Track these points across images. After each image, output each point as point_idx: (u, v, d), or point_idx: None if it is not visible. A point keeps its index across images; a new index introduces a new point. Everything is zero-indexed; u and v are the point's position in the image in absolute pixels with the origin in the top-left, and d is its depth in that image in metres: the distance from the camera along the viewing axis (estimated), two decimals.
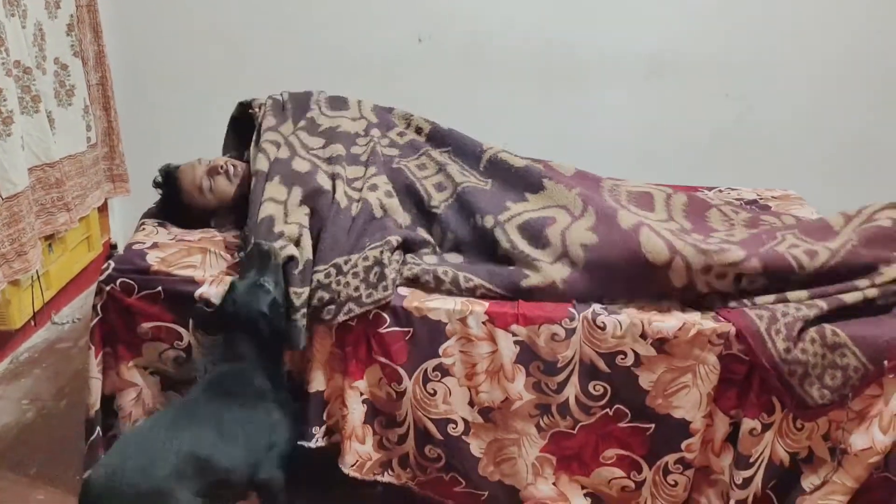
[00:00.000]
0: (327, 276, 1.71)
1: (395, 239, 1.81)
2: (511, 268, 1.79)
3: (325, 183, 1.91)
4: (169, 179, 2.06)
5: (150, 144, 3.08)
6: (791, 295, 1.69)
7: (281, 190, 1.87)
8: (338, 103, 2.24)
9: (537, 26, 2.98)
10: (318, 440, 1.77)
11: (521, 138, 2.50)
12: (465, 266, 1.83)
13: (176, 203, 2.07)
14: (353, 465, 1.76)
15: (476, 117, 2.99)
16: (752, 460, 1.63)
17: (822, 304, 1.65)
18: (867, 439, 1.61)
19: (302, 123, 2.13)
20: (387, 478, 1.80)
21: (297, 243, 1.76)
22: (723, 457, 1.70)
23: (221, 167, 2.02)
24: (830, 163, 3.01)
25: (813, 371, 1.59)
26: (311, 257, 1.75)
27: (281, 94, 2.23)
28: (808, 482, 1.66)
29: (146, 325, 1.75)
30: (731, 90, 3.01)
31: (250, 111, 2.18)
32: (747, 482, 1.64)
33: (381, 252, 1.76)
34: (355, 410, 1.74)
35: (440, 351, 1.70)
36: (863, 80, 2.95)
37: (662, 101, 3.04)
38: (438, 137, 2.16)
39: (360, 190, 1.93)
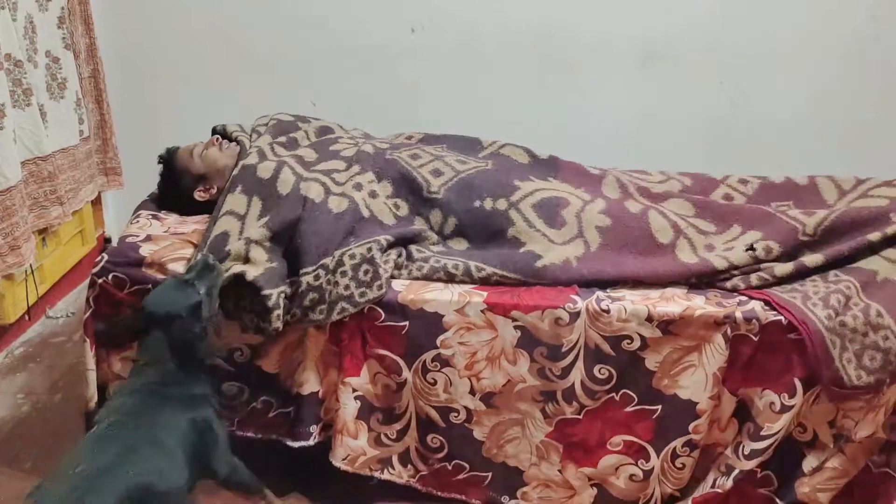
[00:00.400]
0: (316, 277, 1.70)
1: (384, 239, 1.78)
2: (521, 251, 1.79)
3: (288, 184, 1.82)
4: (171, 153, 2.14)
5: (144, 137, 3.04)
6: (808, 260, 1.73)
7: (241, 201, 1.82)
8: (325, 131, 2.19)
9: (532, 15, 2.96)
10: (314, 438, 1.77)
11: (516, 128, 2.49)
12: (475, 254, 1.82)
13: (170, 174, 2.11)
14: (344, 459, 1.76)
15: (471, 107, 3.00)
16: (763, 433, 1.62)
17: (853, 281, 1.66)
18: (873, 426, 1.61)
19: (282, 139, 2.08)
20: (386, 475, 1.80)
21: (246, 259, 1.71)
22: (728, 431, 1.71)
23: (216, 140, 2.12)
24: (827, 150, 3.00)
25: (851, 346, 1.58)
26: (272, 265, 1.71)
27: (268, 122, 2.17)
28: (808, 466, 1.67)
29: None
30: (726, 78, 3.00)
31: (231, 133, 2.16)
32: (756, 453, 1.63)
33: (370, 250, 1.74)
34: (347, 406, 1.73)
35: (438, 342, 1.69)
36: (860, 66, 2.94)
37: (658, 89, 3.02)
38: (432, 140, 2.16)
39: (343, 184, 1.87)
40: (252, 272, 1.66)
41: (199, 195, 2.06)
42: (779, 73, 2.98)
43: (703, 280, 1.75)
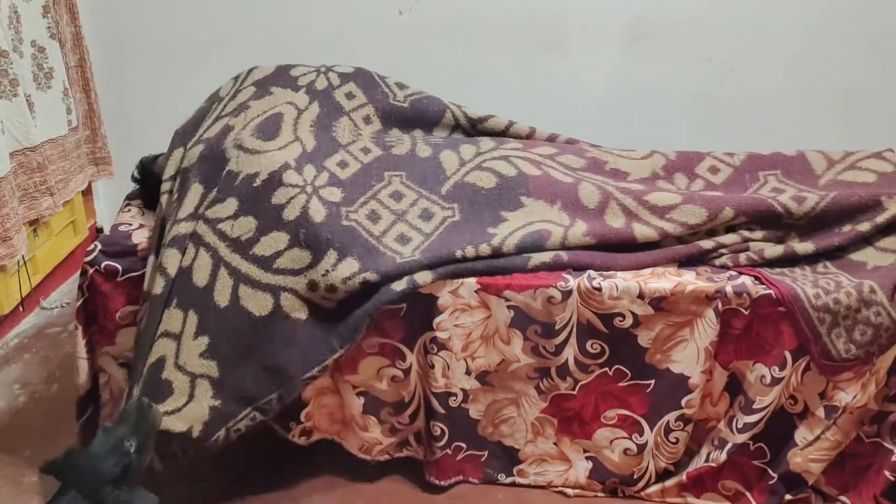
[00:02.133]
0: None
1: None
2: (509, 256, 1.74)
3: (225, 293, 1.62)
4: (146, 173, 2.03)
5: (132, 126, 3.05)
6: (798, 247, 1.76)
7: (176, 319, 1.61)
8: (268, 128, 1.85)
9: None
10: (294, 435, 1.78)
11: (505, 108, 2.48)
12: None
13: (156, 195, 1.97)
14: (360, 449, 1.81)
15: (460, 88, 2.97)
16: (755, 406, 1.65)
17: (842, 273, 1.69)
18: (864, 396, 1.63)
19: (213, 195, 1.72)
20: (406, 453, 1.84)
21: (192, 395, 1.57)
22: (720, 405, 1.73)
23: None
24: (817, 124, 3.01)
25: (843, 322, 1.60)
26: (216, 403, 1.57)
27: (198, 153, 1.80)
28: (800, 436, 1.69)
29: (126, 310, 1.74)
30: (714, 55, 3.00)
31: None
32: (749, 427, 1.66)
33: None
34: (352, 402, 1.76)
35: (434, 325, 1.70)
36: (844, 39, 2.95)
37: (647, 67, 3.03)
38: (391, 161, 1.91)
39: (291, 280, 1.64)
40: (196, 425, 1.55)
41: None
42: (766, 49, 2.98)
43: (693, 260, 1.78)
